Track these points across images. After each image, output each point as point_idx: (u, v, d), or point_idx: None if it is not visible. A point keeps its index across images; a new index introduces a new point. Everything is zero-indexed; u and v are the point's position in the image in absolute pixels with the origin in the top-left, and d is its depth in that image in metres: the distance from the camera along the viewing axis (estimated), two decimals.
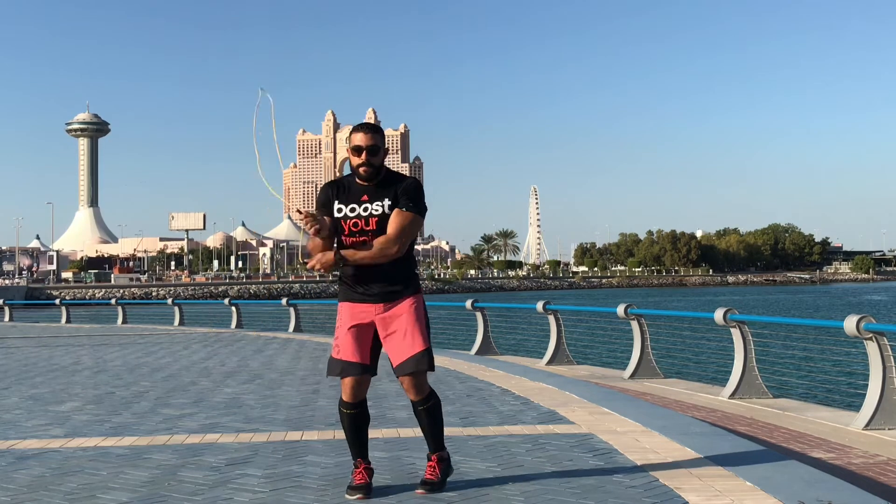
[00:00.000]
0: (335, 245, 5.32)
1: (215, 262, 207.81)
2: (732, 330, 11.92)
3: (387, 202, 5.24)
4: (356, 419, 5.37)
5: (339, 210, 5.28)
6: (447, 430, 7.35)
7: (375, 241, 5.19)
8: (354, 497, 5.22)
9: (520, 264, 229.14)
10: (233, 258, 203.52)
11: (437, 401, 5.41)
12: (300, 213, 5.16)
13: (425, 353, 5.26)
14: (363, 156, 5.24)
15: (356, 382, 5.29)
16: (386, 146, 5.36)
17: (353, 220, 5.24)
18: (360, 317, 5.29)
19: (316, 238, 5.21)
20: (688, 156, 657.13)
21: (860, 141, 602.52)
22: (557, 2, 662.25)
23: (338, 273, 5.40)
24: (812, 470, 5.80)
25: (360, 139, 5.26)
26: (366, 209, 5.24)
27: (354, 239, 5.25)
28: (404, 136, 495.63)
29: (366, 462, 5.39)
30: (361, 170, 5.26)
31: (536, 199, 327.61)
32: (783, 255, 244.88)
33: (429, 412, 5.36)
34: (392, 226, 5.20)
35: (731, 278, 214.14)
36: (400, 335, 5.26)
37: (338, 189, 5.34)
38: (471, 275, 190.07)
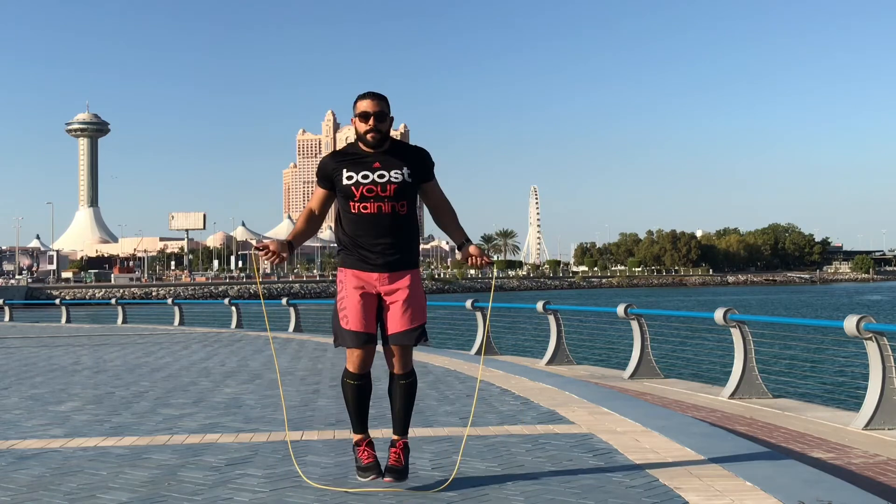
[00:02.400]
0: (343, 213, 5.32)
1: (215, 262, 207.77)
2: (732, 330, 11.93)
3: (406, 170, 5.25)
4: (362, 390, 5.39)
5: (350, 178, 5.25)
6: (447, 430, 7.40)
7: (452, 217, 5.41)
8: (368, 478, 5.23)
9: (520, 264, 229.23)
10: (233, 258, 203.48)
11: (416, 380, 5.44)
12: (258, 249, 5.24)
13: (422, 327, 5.31)
14: (371, 121, 5.23)
15: (365, 353, 5.29)
16: (391, 114, 5.34)
17: (368, 186, 5.21)
18: (365, 286, 5.29)
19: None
20: (688, 156, 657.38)
21: (860, 141, 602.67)
22: (558, 2, 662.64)
23: (342, 240, 5.38)
24: (812, 470, 5.80)
25: (367, 105, 5.23)
26: (381, 176, 5.22)
27: (368, 204, 5.22)
28: (404, 137, 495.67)
29: (367, 437, 5.41)
30: (369, 136, 5.24)
31: (536, 199, 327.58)
32: (783, 255, 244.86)
33: (408, 388, 5.37)
34: (440, 193, 5.44)
35: (731, 278, 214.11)
36: (401, 306, 5.26)
37: (345, 157, 5.32)
38: (471, 275, 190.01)
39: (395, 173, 5.23)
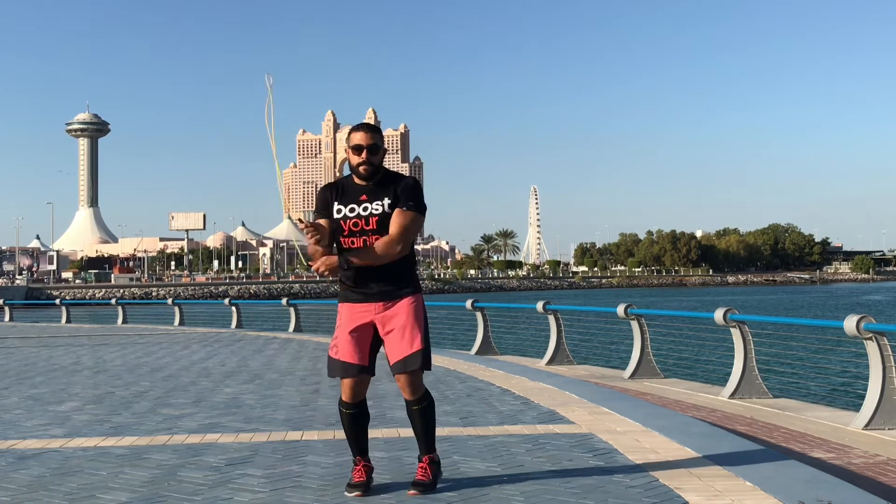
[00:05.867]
0: (336, 247, 5.34)
1: (215, 262, 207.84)
2: (732, 330, 11.92)
3: (386, 201, 5.26)
4: (356, 418, 5.41)
5: (339, 211, 5.30)
6: (447, 430, 7.39)
7: (378, 242, 5.20)
8: (353, 494, 5.25)
9: (520, 264, 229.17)
10: (233, 258, 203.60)
11: (432, 401, 5.43)
12: (301, 222, 5.17)
13: (422, 352, 5.28)
14: (363, 154, 5.27)
15: (355, 383, 5.32)
16: (385, 146, 5.39)
17: (353, 220, 5.26)
18: (359, 317, 5.30)
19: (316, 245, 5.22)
20: (688, 156, 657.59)
21: (860, 141, 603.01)
22: (557, 2, 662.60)
23: (339, 274, 5.41)
24: (812, 470, 5.80)
25: (360, 138, 5.29)
26: (365, 209, 5.26)
27: (354, 238, 5.25)
28: (404, 136, 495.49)
29: (365, 460, 5.42)
30: (362, 168, 5.29)
31: (536, 199, 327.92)
32: (783, 255, 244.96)
33: (422, 412, 5.37)
34: (394, 225, 5.23)
35: (731, 278, 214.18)
36: (398, 334, 5.27)
37: (336, 190, 5.37)
38: (471, 275, 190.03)
39: (377, 205, 5.26)
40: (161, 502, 5.21)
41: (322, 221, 5.32)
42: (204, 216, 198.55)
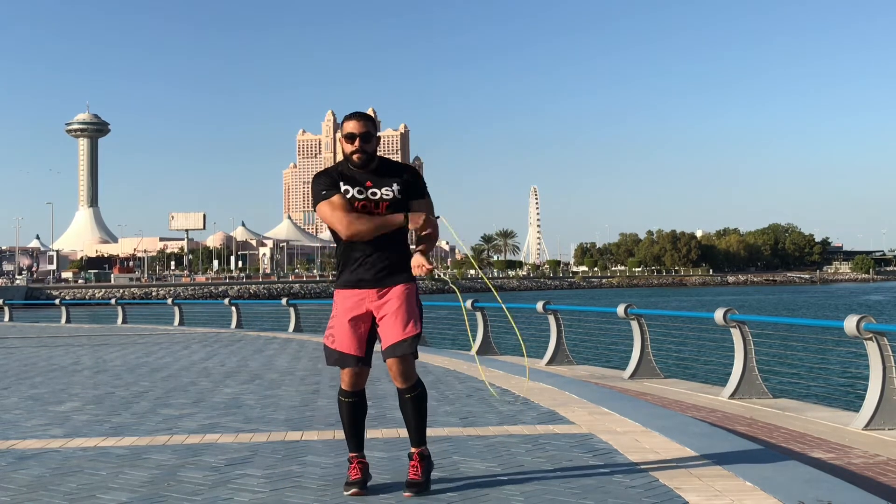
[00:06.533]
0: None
1: (215, 262, 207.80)
2: (732, 330, 11.92)
3: (395, 187, 5.31)
4: (354, 407, 5.41)
5: (346, 192, 5.29)
6: (447, 430, 7.39)
7: (429, 235, 5.33)
8: (351, 492, 5.25)
9: (520, 264, 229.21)
10: (233, 258, 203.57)
11: (424, 390, 5.42)
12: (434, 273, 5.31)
13: (416, 338, 5.27)
14: (356, 143, 5.28)
15: (354, 373, 5.34)
16: (378, 134, 5.40)
17: (362, 202, 5.26)
18: (356, 306, 5.30)
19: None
20: (688, 156, 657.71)
21: (860, 141, 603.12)
22: (558, 1, 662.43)
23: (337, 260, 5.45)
24: (812, 470, 5.80)
25: (353, 126, 5.30)
26: (374, 193, 5.28)
27: None
28: (404, 136, 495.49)
29: (360, 456, 5.42)
30: (355, 157, 5.29)
31: (536, 199, 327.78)
32: (783, 255, 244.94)
33: (415, 401, 5.35)
34: (424, 210, 5.36)
35: (731, 278, 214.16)
36: (391, 318, 5.26)
37: (339, 173, 5.36)
38: (471, 275, 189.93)
39: (386, 190, 5.29)
40: (161, 502, 5.21)
41: (338, 197, 5.26)
42: (204, 216, 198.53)
